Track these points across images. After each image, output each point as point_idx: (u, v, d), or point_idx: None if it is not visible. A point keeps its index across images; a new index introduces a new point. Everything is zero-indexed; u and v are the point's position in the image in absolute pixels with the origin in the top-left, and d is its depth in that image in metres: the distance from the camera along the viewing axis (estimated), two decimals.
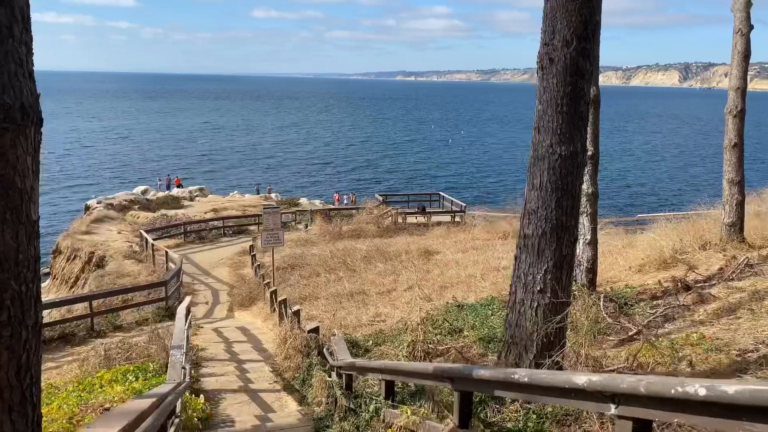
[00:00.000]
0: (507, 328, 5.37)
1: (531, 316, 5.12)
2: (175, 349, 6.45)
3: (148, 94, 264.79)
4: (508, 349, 5.30)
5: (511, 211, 31.77)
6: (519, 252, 5.36)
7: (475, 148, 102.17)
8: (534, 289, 5.14)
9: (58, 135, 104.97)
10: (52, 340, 13.89)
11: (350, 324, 11.42)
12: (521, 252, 5.32)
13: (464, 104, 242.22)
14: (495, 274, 16.10)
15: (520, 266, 5.30)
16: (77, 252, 26.47)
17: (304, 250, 23.82)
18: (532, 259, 5.19)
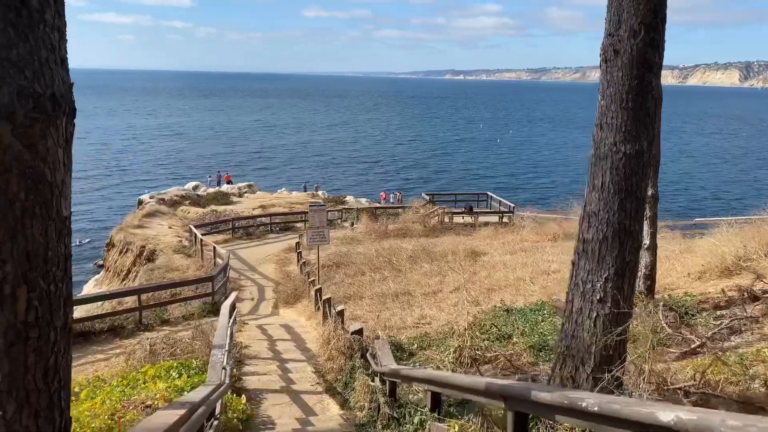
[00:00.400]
0: (562, 339, 5.02)
1: (589, 327, 4.76)
2: (216, 349, 6.34)
3: (202, 92, 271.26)
4: (563, 362, 4.95)
5: (562, 212, 30.96)
6: (577, 257, 5.00)
7: (524, 148, 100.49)
8: (593, 298, 4.78)
9: (115, 131, 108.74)
10: (102, 332, 14.16)
11: (395, 325, 11.19)
12: (579, 258, 4.95)
13: (514, 103, 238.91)
14: (545, 278, 15.60)
15: (578, 273, 4.94)
16: (129, 245, 27.11)
17: (350, 249, 23.72)
18: (591, 265, 4.82)
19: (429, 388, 4.41)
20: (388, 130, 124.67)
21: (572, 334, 4.88)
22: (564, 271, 17.04)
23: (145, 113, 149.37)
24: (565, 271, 16.92)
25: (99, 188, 62.80)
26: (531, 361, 7.47)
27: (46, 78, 2.52)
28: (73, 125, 2.72)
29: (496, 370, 7.20)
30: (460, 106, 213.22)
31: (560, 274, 16.31)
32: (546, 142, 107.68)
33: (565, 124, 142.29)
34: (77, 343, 13.57)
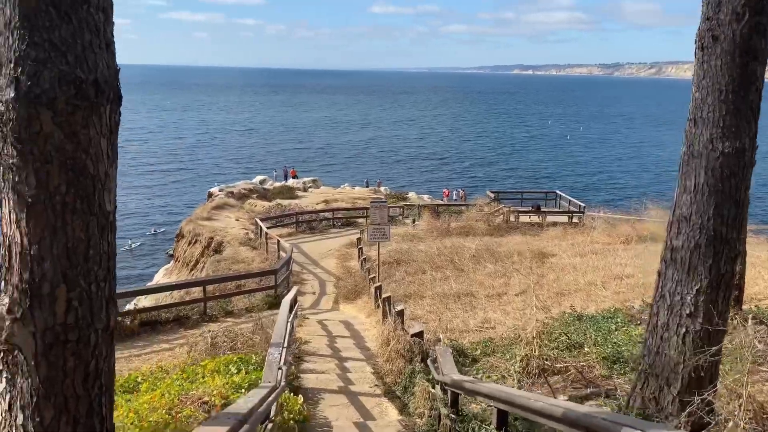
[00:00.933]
0: (645, 355, 4.56)
1: (677, 344, 4.28)
2: (273, 347, 6.18)
3: (271, 88, 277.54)
4: (645, 381, 4.49)
5: (636, 214, 29.61)
6: (664, 266, 4.51)
7: (596, 145, 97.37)
8: (682, 312, 4.29)
9: (189, 126, 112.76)
10: (167, 322, 14.44)
11: (456, 328, 10.82)
12: (667, 267, 4.46)
13: (585, 99, 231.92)
14: (617, 283, 14.83)
15: (665, 284, 4.46)
16: (198, 237, 27.84)
17: (411, 246, 23.43)
18: (680, 276, 4.33)
19: (495, 405, 4.07)
20: (454, 126, 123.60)
21: (657, 351, 4.41)
22: (638, 276, 16.17)
23: (218, 109, 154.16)
24: (639, 276, 16.06)
25: (173, 180, 65.23)
26: (604, 374, 6.96)
27: (90, 62, 2.33)
28: (118, 114, 2.52)
29: (566, 383, 6.74)
30: (529, 102, 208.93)
31: (634, 279, 15.48)
32: (619, 140, 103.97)
33: (640, 122, 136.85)
34: (144, 332, 13.92)
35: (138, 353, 12.71)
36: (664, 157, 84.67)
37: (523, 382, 6.92)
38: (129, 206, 54.59)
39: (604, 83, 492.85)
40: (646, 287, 14.23)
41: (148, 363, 11.82)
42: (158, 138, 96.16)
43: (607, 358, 7.36)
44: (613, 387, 6.46)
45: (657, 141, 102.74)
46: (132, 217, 51.23)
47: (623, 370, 7.03)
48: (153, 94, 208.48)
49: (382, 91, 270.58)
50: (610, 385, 6.60)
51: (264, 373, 5.48)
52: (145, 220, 50.21)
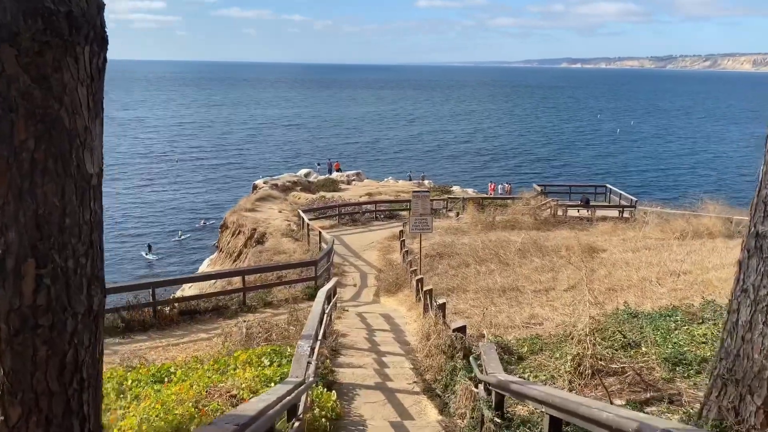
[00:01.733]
0: (722, 358, 3.95)
1: (762, 346, 3.67)
2: (303, 340, 5.79)
3: (319, 83, 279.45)
4: (722, 387, 3.89)
5: (691, 209, 28.25)
6: (746, 256, 3.89)
7: (648, 141, 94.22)
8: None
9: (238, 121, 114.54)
10: (206, 312, 14.34)
11: (501, 324, 10.26)
12: (750, 256, 3.84)
13: (637, 93, 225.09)
14: (674, 280, 13.95)
15: (749, 275, 3.83)
16: (241, 228, 27.91)
17: (454, 239, 22.87)
18: (767, 266, 3.71)
19: (547, 411, 3.56)
20: (501, 121, 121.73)
21: (737, 353, 3.80)
22: (696, 273, 15.23)
23: (266, 104, 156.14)
24: (697, 272, 15.12)
25: (223, 174, 66.27)
26: (666, 377, 6.31)
27: None
28: (101, 58, 2.12)
29: (623, 385, 6.13)
30: (578, 96, 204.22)
31: (692, 275, 14.57)
32: (673, 135, 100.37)
33: (695, 116, 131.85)
34: (183, 321, 13.85)
35: (176, 342, 12.61)
36: (720, 153, 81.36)
37: (575, 384, 6.35)
38: (179, 199, 55.81)
39: (655, 76, 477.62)
40: (704, 284, 13.36)
41: (185, 352, 11.70)
42: (208, 133, 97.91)
43: (668, 360, 6.71)
44: (676, 392, 5.83)
45: (713, 136, 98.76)
46: (182, 209, 52.35)
47: (687, 373, 6.38)
48: (203, 89, 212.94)
49: (429, 86, 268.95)
50: (672, 389, 5.97)
51: (292, 368, 5.10)
52: (194, 213, 51.17)
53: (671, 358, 6.77)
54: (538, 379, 6.69)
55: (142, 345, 12.29)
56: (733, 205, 29.83)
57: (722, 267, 15.14)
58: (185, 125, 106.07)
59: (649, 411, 5.37)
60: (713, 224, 24.90)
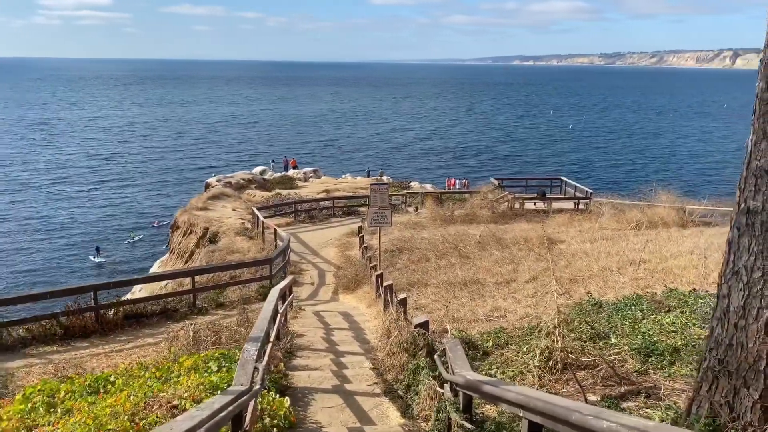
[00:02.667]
0: (711, 348, 3.59)
1: (757, 333, 3.31)
2: (251, 343, 5.21)
3: (274, 81, 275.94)
4: (713, 380, 3.52)
5: (644, 199, 28.60)
6: (736, 234, 3.53)
7: (599, 134, 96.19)
8: (765, 292, 3.32)
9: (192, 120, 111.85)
10: (154, 315, 13.53)
11: (464, 318, 9.86)
12: (741, 235, 3.48)
13: (589, 89, 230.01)
14: (634, 269, 13.84)
15: (740, 256, 3.47)
16: (193, 227, 26.92)
17: (414, 234, 22.48)
18: (761, 245, 3.36)
19: (526, 416, 3.11)
20: (456, 117, 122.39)
21: (729, 343, 3.44)
22: (655, 261, 15.21)
23: (219, 102, 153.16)
24: (656, 261, 15.10)
25: (176, 174, 64.43)
26: (639, 368, 5.99)
27: None
28: None
29: (596, 379, 5.78)
30: (531, 93, 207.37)
31: (651, 264, 14.51)
32: (624, 129, 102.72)
33: (645, 112, 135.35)
34: (128, 326, 13.02)
35: (120, 348, 11.80)
36: (670, 146, 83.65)
37: (545, 379, 5.97)
38: (131, 201, 54.01)
39: (605, 73, 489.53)
40: (665, 272, 13.29)
41: (129, 359, 10.93)
42: (161, 132, 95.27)
43: (639, 351, 6.40)
44: (651, 384, 5.51)
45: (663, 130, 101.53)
46: (134, 211, 50.71)
47: (660, 364, 6.08)
48: (155, 89, 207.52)
49: (386, 84, 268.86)
50: (647, 381, 5.65)
51: (236, 374, 4.53)
52: (148, 214, 49.54)
53: (642, 348, 6.47)
54: (506, 375, 6.28)
55: (82, 352, 11.45)
56: (685, 195, 30.43)
57: (680, 255, 15.17)
58: (137, 125, 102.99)
59: (626, 406, 5.02)
60: (667, 214, 25.26)
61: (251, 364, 4.63)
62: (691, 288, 10.67)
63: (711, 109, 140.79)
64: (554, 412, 2.66)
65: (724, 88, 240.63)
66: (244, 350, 4.94)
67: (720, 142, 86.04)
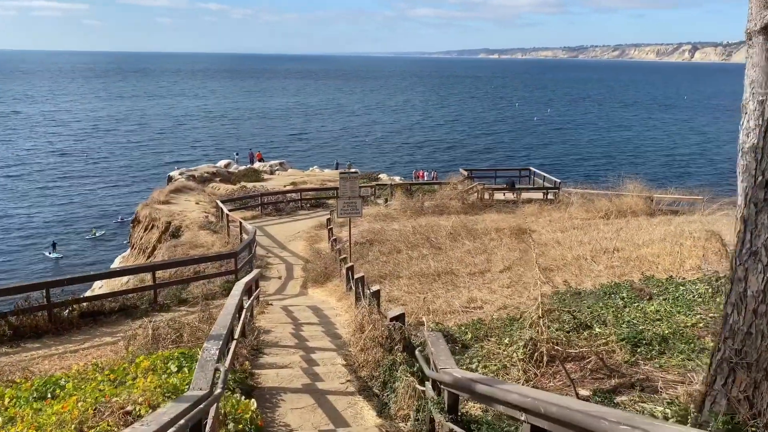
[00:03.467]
0: (726, 337, 3.24)
1: None
2: (211, 341, 4.70)
3: (239, 74, 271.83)
4: (729, 373, 3.18)
5: (613, 189, 28.73)
6: (753, 211, 3.17)
7: (565, 127, 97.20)
8: None
9: (155, 113, 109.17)
10: (112, 313, 12.82)
11: (439, 309, 9.49)
12: (759, 211, 3.12)
13: (551, 82, 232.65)
14: (609, 257, 13.69)
15: (758, 235, 3.12)
16: (154, 221, 25.99)
17: (384, 225, 22.06)
18: None
19: (530, 420, 2.70)
20: (426, 111, 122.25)
21: (747, 331, 3.09)
22: (629, 249, 15.10)
23: (183, 95, 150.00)
24: (629, 249, 14.98)
25: (139, 169, 62.68)
26: (628, 359, 5.69)
27: None
28: None
29: (584, 372, 5.44)
30: (497, 86, 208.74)
31: (625, 252, 14.38)
32: (589, 122, 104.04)
33: (609, 105, 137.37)
34: (84, 324, 12.30)
35: (75, 349, 11.10)
36: (634, 138, 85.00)
37: (530, 373, 5.61)
38: (92, 197, 52.39)
39: (570, 66, 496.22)
40: (639, 260, 13.15)
41: (85, 360, 10.26)
42: (122, 126, 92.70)
43: (626, 341, 6.10)
44: (643, 376, 5.20)
45: (627, 122, 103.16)
46: (96, 207, 49.19)
47: (649, 354, 5.79)
48: (116, 82, 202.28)
49: (353, 77, 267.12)
50: (638, 373, 5.34)
51: (195, 376, 4.03)
52: (110, 210, 48.02)
53: (629, 338, 6.17)
54: (488, 369, 5.91)
55: (33, 354, 10.72)
56: (651, 185, 30.67)
57: (652, 243, 15.08)
58: (98, 119, 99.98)
59: (620, 401, 4.68)
60: (635, 203, 25.40)
61: (212, 365, 4.13)
62: (668, 275, 10.51)
63: (673, 101, 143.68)
64: (572, 418, 2.26)
65: (685, 81, 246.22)
66: (203, 350, 4.43)
67: (684, 134, 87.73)
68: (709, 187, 29.66)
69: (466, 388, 3.43)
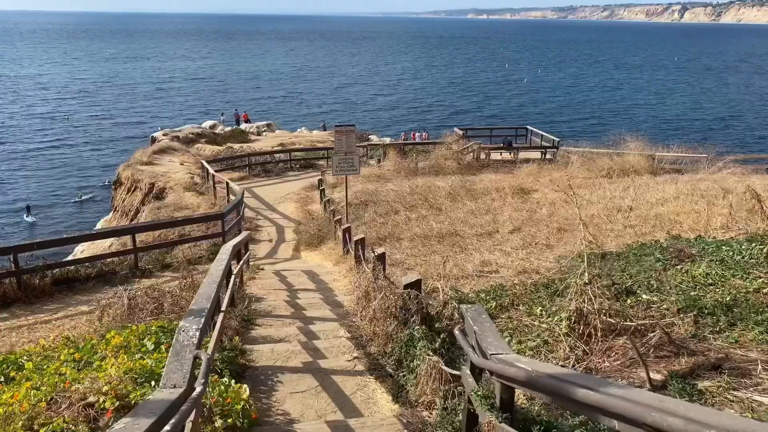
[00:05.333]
0: None
1: None
2: (191, 318, 3.64)
3: (225, 35, 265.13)
4: None
5: (613, 147, 27.78)
6: None
7: (558, 87, 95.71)
8: None
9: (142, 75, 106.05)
10: (89, 279, 11.80)
11: (450, 274, 8.54)
12: None
13: (544, 43, 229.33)
14: (625, 216, 12.78)
15: None
16: (137, 183, 24.79)
17: (378, 186, 21.04)
18: None
19: None
20: (414, 72, 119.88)
21: None
22: (643, 208, 14.20)
23: (167, 57, 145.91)
24: (643, 208, 14.09)
25: (124, 132, 60.74)
26: (691, 332, 4.78)
27: None
28: None
29: (646, 348, 4.52)
30: (486, 47, 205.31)
31: (640, 211, 13.50)
32: (582, 82, 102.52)
33: (600, 64, 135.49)
34: (58, 292, 11.28)
35: (47, 319, 10.11)
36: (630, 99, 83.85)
37: (578, 350, 4.69)
38: (81, 158, 50.70)
39: (559, 27, 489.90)
40: (658, 218, 12.26)
41: (58, 331, 9.29)
42: (106, 89, 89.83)
43: (685, 309, 5.19)
44: (721, 354, 4.28)
45: (622, 83, 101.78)
46: (85, 169, 47.57)
47: (717, 327, 4.88)
48: (100, 42, 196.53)
49: (340, 38, 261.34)
50: (710, 350, 4.43)
51: (167, 369, 3.04)
52: (98, 172, 46.43)
53: (686, 307, 5.26)
54: (526, 346, 4.99)
55: (0, 325, 9.73)
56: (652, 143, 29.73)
57: (666, 201, 14.19)
58: (80, 81, 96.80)
59: (705, 387, 3.76)
60: (638, 161, 24.51)
61: (190, 352, 3.13)
62: (696, 234, 9.64)
63: (665, 62, 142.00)
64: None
65: (674, 41, 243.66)
66: (179, 330, 3.43)
67: (676, 95, 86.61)
68: (708, 144, 28.76)
69: (551, 390, 2.45)
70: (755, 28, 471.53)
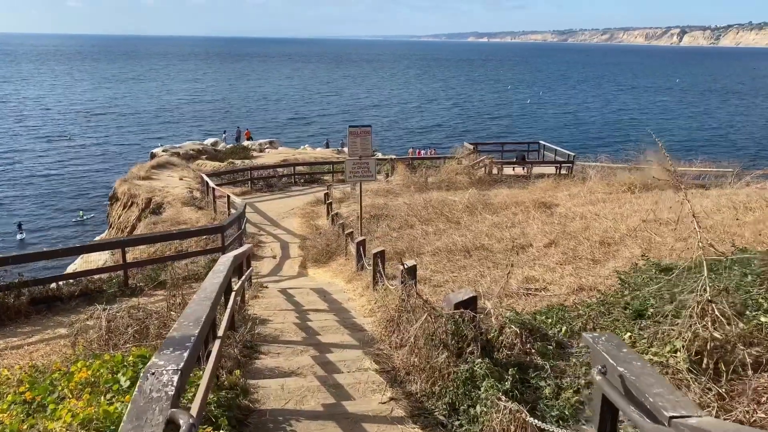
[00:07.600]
0: None
1: None
2: (165, 355, 2.31)
3: (227, 57, 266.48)
4: None
5: (634, 162, 26.59)
6: None
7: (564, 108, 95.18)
8: None
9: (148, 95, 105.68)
10: (72, 297, 10.50)
11: (490, 292, 7.25)
12: None
13: (546, 65, 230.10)
14: (673, 228, 11.49)
15: None
16: (134, 198, 23.56)
17: (387, 201, 19.88)
18: None
19: None
20: (418, 93, 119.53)
21: None
22: (687, 221, 12.96)
23: (171, 78, 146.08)
24: (685, 221, 12.84)
25: (126, 152, 59.90)
26: None
27: None
28: None
29: None
30: (488, 69, 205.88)
31: (684, 224, 12.25)
32: (590, 103, 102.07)
33: (603, 86, 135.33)
34: (36, 312, 9.99)
35: (19, 343, 8.79)
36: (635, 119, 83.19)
37: (711, 392, 3.38)
38: (84, 178, 49.85)
39: (559, 49, 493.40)
40: (712, 231, 11.00)
41: (30, 357, 7.97)
42: (111, 109, 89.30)
43: None
44: None
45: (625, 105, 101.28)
46: (87, 189, 46.71)
47: None
48: (107, 64, 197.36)
49: (345, 60, 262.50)
50: None
51: None
52: (101, 192, 45.47)
53: None
54: None
55: None
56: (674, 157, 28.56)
57: (710, 214, 12.94)
58: (85, 103, 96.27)
59: None
60: (660, 175, 23.26)
61: (161, 411, 1.83)
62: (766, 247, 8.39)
63: (669, 84, 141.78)
64: None
65: (675, 64, 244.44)
66: (147, 372, 2.11)
67: (682, 118, 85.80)
68: (733, 160, 27.60)
69: None
70: (754, 51, 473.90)
